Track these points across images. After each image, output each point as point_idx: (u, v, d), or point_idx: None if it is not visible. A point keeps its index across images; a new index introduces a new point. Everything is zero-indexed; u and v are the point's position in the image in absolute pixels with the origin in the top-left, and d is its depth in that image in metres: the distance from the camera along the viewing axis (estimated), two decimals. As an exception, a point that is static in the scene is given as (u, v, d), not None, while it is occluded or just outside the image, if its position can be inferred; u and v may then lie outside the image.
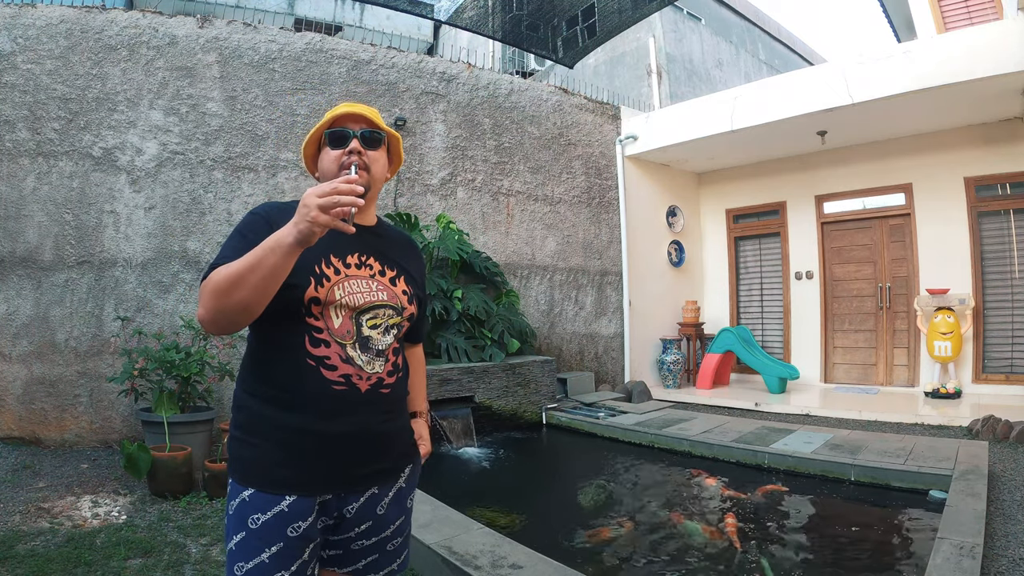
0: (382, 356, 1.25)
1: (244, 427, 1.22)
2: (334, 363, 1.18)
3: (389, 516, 1.30)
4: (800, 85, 5.96)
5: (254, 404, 1.21)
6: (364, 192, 1.25)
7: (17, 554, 2.63)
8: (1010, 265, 6.09)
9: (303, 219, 1.00)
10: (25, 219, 4.49)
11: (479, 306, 5.61)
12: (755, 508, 3.46)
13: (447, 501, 3.05)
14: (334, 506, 1.22)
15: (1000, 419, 4.49)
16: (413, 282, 1.37)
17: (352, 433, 1.20)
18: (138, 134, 4.78)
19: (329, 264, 1.22)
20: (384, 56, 5.87)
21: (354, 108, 1.31)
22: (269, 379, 1.21)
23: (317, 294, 1.18)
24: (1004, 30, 4.84)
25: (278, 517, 1.14)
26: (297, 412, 1.17)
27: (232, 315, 1.08)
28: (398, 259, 1.36)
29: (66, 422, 4.45)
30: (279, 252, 1.02)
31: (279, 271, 1.04)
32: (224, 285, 1.05)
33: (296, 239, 1.01)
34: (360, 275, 1.26)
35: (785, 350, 7.56)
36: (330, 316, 1.20)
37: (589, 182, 7.21)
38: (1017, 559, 2.45)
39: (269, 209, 1.25)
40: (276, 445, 1.17)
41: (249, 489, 1.17)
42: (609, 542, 3.04)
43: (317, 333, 1.19)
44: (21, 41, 4.55)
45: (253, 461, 1.19)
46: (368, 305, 1.24)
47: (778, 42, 13.88)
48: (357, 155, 1.27)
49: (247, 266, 1.04)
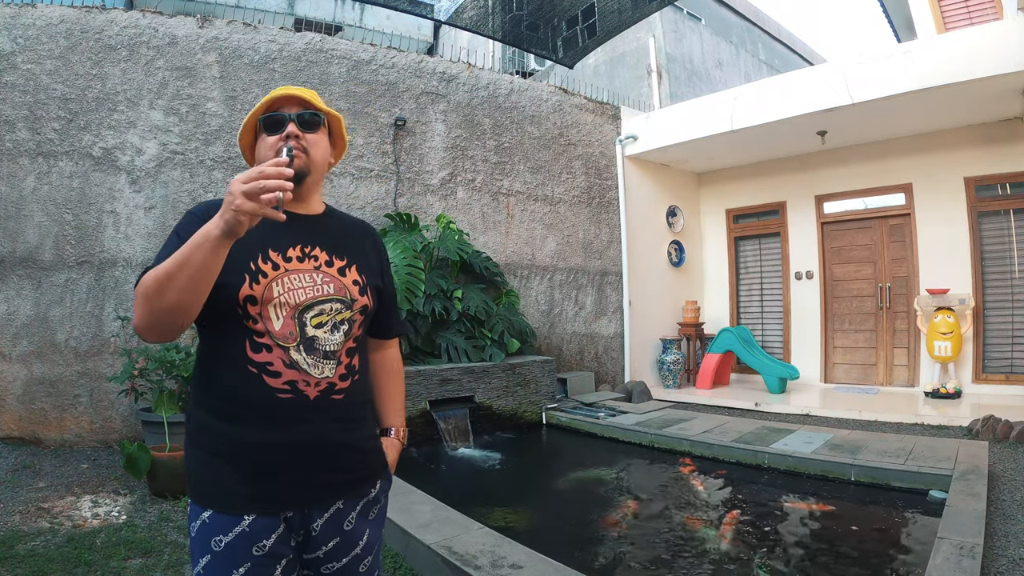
0: (332, 358, 1.15)
1: (196, 443, 1.14)
2: (277, 369, 1.10)
3: (357, 531, 1.21)
4: (800, 85, 5.96)
5: (203, 417, 1.13)
6: (303, 177, 1.18)
7: (17, 554, 2.63)
8: (1010, 265, 6.08)
9: (228, 207, 0.92)
10: (25, 219, 4.49)
11: (479, 306, 5.61)
12: (755, 508, 3.46)
13: (448, 501, 3.05)
14: (299, 522, 1.13)
15: (1000, 419, 4.49)
16: (367, 271, 1.27)
17: (306, 444, 1.11)
18: (138, 134, 4.78)
19: (266, 259, 1.13)
20: (384, 56, 5.87)
21: (290, 90, 1.22)
22: (214, 390, 1.13)
23: (252, 292, 1.09)
24: (1004, 30, 4.84)
25: (240, 537, 1.07)
26: (243, 424, 1.09)
27: (165, 318, 1.00)
28: (349, 247, 1.26)
29: (66, 422, 4.45)
30: (206, 246, 0.94)
31: (209, 267, 0.96)
32: (154, 287, 0.97)
33: (223, 230, 0.93)
34: (303, 268, 1.16)
35: (785, 350, 7.56)
36: (269, 317, 1.10)
37: (589, 182, 7.21)
38: (1017, 559, 2.45)
39: (208, 207, 1.14)
40: (227, 462, 1.09)
41: (208, 510, 1.09)
42: (609, 541, 3.04)
43: (257, 337, 1.10)
44: (21, 41, 4.55)
45: (208, 480, 1.11)
46: (311, 301, 1.14)
47: (778, 42, 13.89)
48: (294, 139, 1.17)
49: (175, 265, 0.96)
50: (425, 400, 4.88)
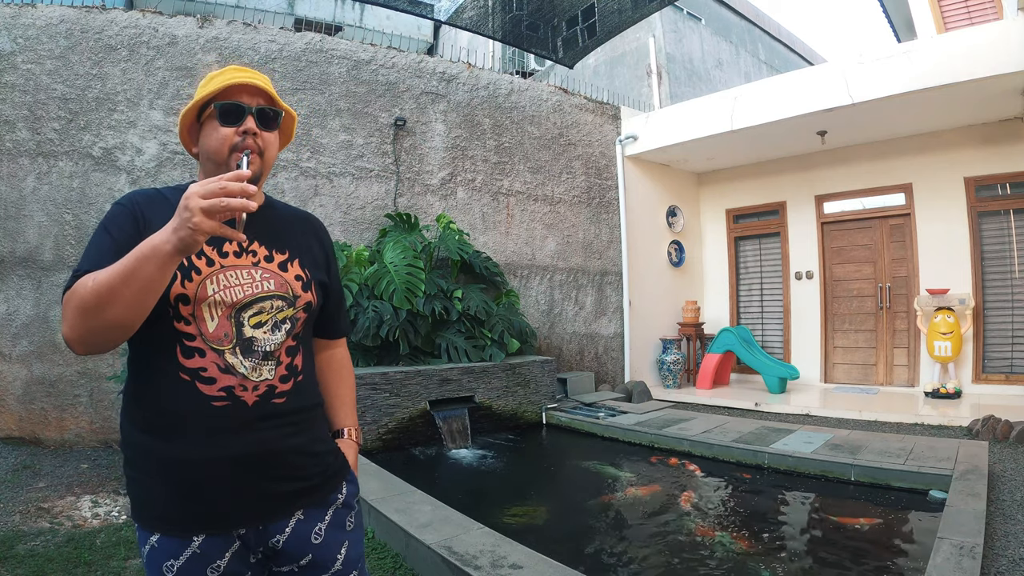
0: (271, 359, 1.06)
1: (132, 464, 1.05)
2: (211, 375, 1.01)
3: (330, 545, 1.12)
4: (800, 85, 5.96)
5: (136, 435, 1.04)
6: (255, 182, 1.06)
7: (17, 554, 2.64)
8: (1010, 265, 6.08)
9: (184, 225, 0.83)
10: (25, 219, 4.49)
11: (479, 306, 5.61)
12: (755, 508, 3.46)
13: (447, 501, 3.05)
14: (255, 539, 1.05)
15: (1000, 419, 4.49)
16: (311, 265, 1.18)
17: (248, 455, 1.02)
18: (138, 134, 4.78)
19: (200, 255, 1.03)
20: (384, 56, 5.87)
21: (247, 76, 1.09)
22: (144, 402, 1.03)
23: (184, 290, 1.00)
24: (1004, 30, 4.84)
25: (192, 560, 1.00)
26: (177, 438, 1.00)
27: (104, 334, 0.91)
28: (291, 240, 1.17)
29: (66, 422, 4.45)
30: (155, 262, 0.86)
31: (157, 284, 0.88)
32: (92, 301, 0.87)
33: (175, 247, 0.85)
34: (240, 264, 1.07)
35: (785, 350, 7.56)
36: (203, 318, 1.01)
37: (589, 182, 7.21)
38: (1017, 559, 2.45)
39: (135, 199, 1.07)
40: (165, 482, 1.00)
41: (155, 534, 1.01)
42: (609, 541, 3.04)
43: (189, 341, 1.01)
44: (21, 41, 4.55)
45: (149, 502, 1.03)
46: (249, 299, 1.06)
47: (778, 42, 13.89)
48: (252, 137, 1.07)
49: (118, 278, 0.86)
50: (425, 400, 4.88)
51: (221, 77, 1.10)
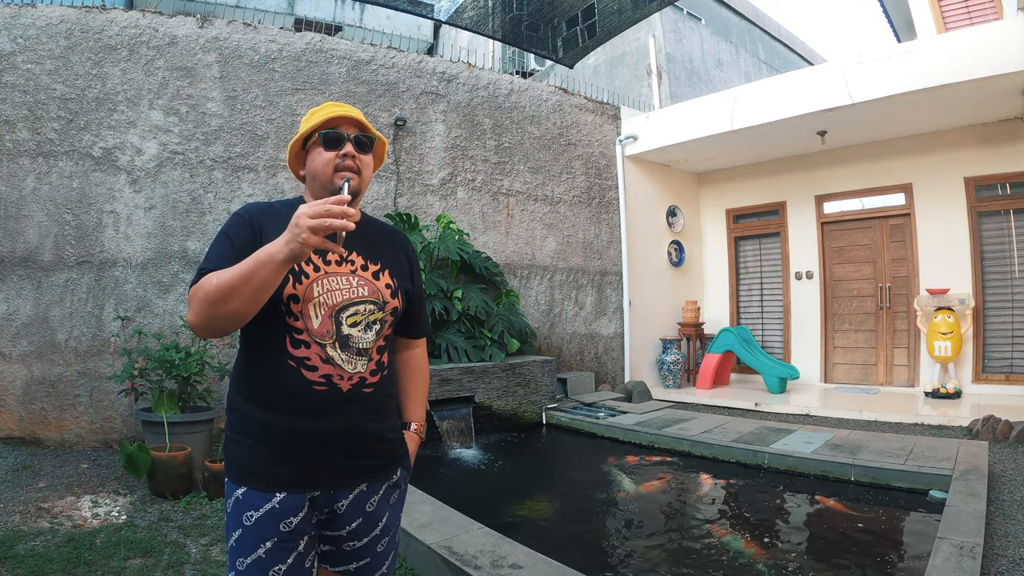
0: (364, 355, 1.26)
1: (235, 427, 1.25)
2: (314, 364, 1.20)
3: (378, 513, 1.32)
4: (800, 85, 5.96)
5: (243, 405, 1.24)
6: (355, 196, 1.26)
7: (17, 554, 2.63)
8: (1010, 265, 6.08)
9: (295, 239, 1.02)
10: (25, 219, 4.49)
11: (479, 306, 5.61)
12: (755, 507, 3.46)
13: (447, 501, 3.05)
14: (324, 502, 1.24)
15: (1000, 419, 4.49)
16: (399, 275, 1.37)
17: (338, 431, 1.22)
18: (138, 134, 4.78)
19: (308, 261, 1.23)
20: (384, 56, 5.87)
21: (345, 110, 1.31)
22: (255, 380, 1.24)
23: (295, 291, 1.19)
24: (1004, 30, 4.84)
25: (270, 513, 1.18)
26: (281, 413, 1.20)
27: (223, 322, 1.11)
28: (382, 252, 1.37)
29: (66, 422, 4.45)
30: (270, 267, 1.05)
31: (269, 284, 1.08)
32: (216, 295, 1.07)
33: (287, 256, 1.04)
34: (340, 271, 1.27)
35: (785, 350, 7.56)
36: (309, 315, 1.21)
37: (589, 182, 7.21)
38: (1017, 559, 2.45)
39: (252, 211, 1.27)
40: (265, 444, 1.21)
41: (242, 487, 1.21)
42: (609, 540, 3.04)
43: (297, 334, 1.20)
44: (21, 41, 4.55)
45: (245, 460, 1.22)
46: (347, 302, 1.25)
47: (778, 42, 13.88)
48: (352, 159, 1.28)
49: (239, 278, 1.06)
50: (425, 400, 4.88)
51: (323, 111, 1.31)
